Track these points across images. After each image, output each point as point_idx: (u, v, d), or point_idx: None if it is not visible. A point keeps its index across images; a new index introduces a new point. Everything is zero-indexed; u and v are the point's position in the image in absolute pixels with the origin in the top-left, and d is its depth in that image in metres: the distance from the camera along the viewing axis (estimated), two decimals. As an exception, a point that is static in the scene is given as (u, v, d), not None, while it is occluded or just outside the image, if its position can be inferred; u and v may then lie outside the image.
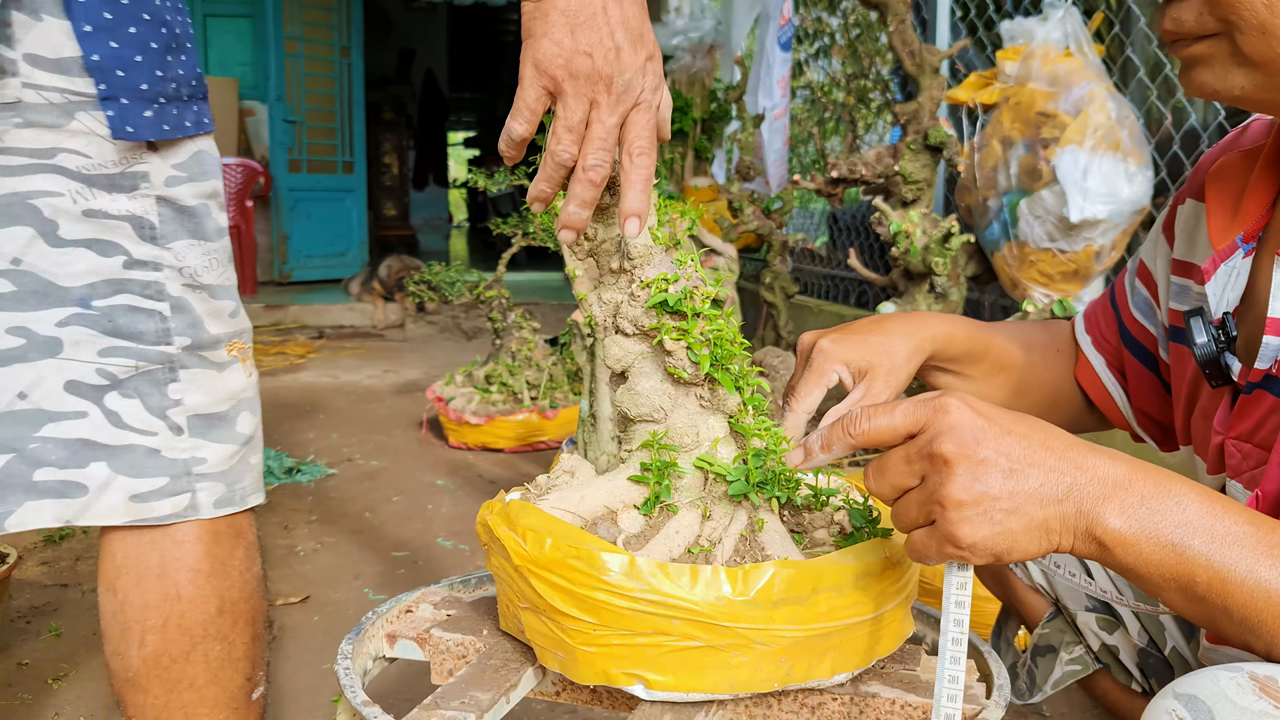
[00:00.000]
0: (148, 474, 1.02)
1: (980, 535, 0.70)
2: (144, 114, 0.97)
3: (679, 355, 0.91)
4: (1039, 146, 2.84)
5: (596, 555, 0.83)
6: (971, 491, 0.70)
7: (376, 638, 1.03)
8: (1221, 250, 0.95)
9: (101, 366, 1.00)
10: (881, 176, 2.94)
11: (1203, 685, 0.66)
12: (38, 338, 0.97)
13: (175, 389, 1.03)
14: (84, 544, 2.70)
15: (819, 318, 4.81)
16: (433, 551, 2.72)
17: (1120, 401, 1.19)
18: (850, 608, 0.83)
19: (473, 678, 0.94)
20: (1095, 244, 2.79)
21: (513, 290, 4.17)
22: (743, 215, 4.28)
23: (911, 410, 0.74)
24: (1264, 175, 0.95)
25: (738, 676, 0.83)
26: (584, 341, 2.21)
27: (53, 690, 1.91)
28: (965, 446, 0.70)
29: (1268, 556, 0.68)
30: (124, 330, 1.00)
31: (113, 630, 1.06)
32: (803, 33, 6.11)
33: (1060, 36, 2.91)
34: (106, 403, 1.01)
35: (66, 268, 0.97)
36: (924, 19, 3.98)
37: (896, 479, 0.75)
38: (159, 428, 1.03)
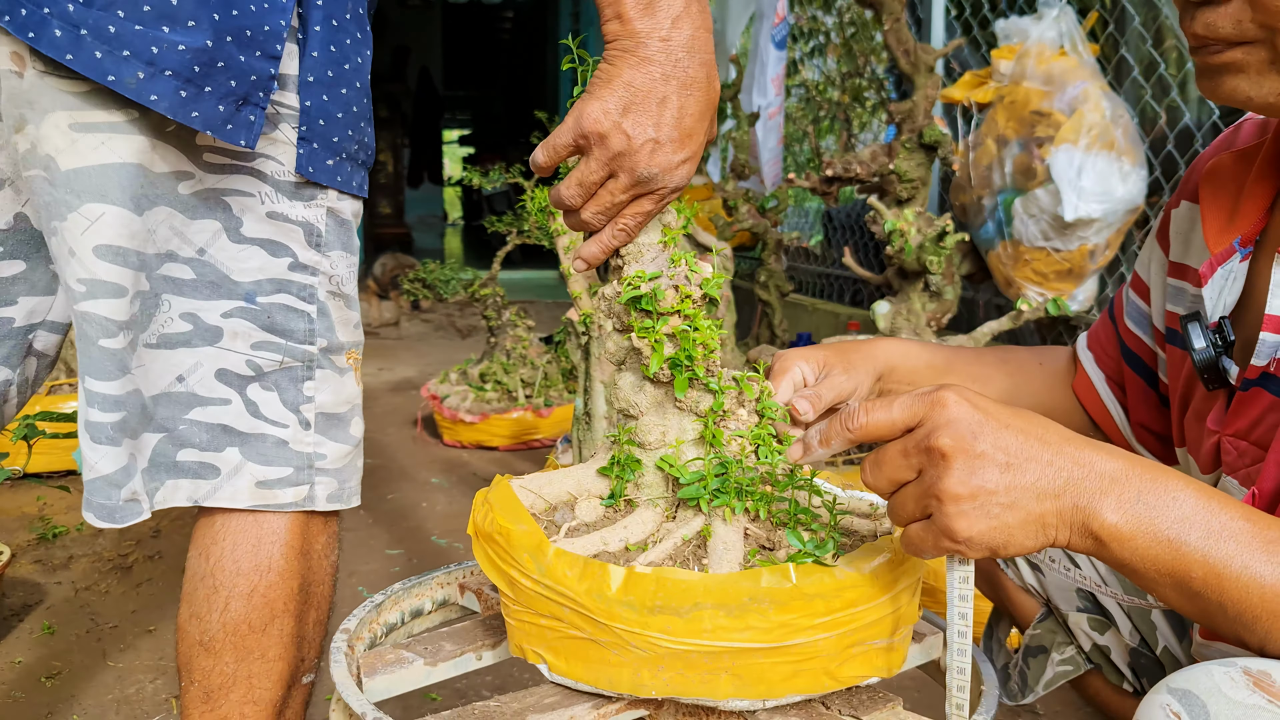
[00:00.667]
0: (275, 463, 1.10)
1: (977, 529, 0.70)
2: (326, 162, 1.07)
3: (645, 352, 0.92)
4: (1033, 145, 2.84)
5: (513, 532, 0.85)
6: (969, 485, 0.70)
7: (450, 585, 1.11)
8: (1219, 254, 0.95)
9: (251, 358, 1.07)
10: (876, 175, 2.95)
11: (1197, 680, 0.66)
12: (204, 325, 1.05)
13: (309, 386, 1.11)
14: (77, 542, 2.69)
15: (814, 316, 4.81)
16: (427, 550, 2.72)
17: (1118, 417, 1.20)
18: (743, 631, 0.79)
19: (458, 632, 0.97)
20: (1089, 243, 2.80)
21: (507, 288, 4.17)
22: (738, 213, 4.28)
23: (909, 404, 0.74)
24: (1261, 179, 0.95)
25: (616, 676, 0.83)
26: (579, 340, 2.21)
27: (46, 688, 1.91)
28: (963, 440, 0.70)
29: (1263, 552, 0.68)
30: (278, 327, 1.08)
31: (199, 593, 1.11)
32: (798, 31, 6.11)
33: (1055, 36, 2.91)
34: (248, 393, 1.08)
35: (241, 263, 1.05)
36: (919, 18, 3.99)
37: (893, 473, 0.74)
38: (291, 421, 1.10)
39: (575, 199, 0.91)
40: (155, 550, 2.64)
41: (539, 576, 0.83)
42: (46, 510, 2.94)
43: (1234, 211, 0.96)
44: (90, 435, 0.99)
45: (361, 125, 1.11)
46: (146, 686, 1.92)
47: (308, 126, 1.05)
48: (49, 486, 3.16)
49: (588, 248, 0.94)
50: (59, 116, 0.93)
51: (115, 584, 2.42)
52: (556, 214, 2.19)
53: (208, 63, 0.93)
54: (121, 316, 0.97)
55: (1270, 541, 0.69)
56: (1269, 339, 0.88)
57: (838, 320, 4.50)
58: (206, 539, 1.12)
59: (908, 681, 0.98)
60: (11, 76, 0.92)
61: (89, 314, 0.97)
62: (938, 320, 2.87)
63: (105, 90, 0.91)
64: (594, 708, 0.85)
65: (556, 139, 0.90)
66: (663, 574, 0.80)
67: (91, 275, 0.96)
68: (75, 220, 0.94)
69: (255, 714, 1.12)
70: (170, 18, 0.90)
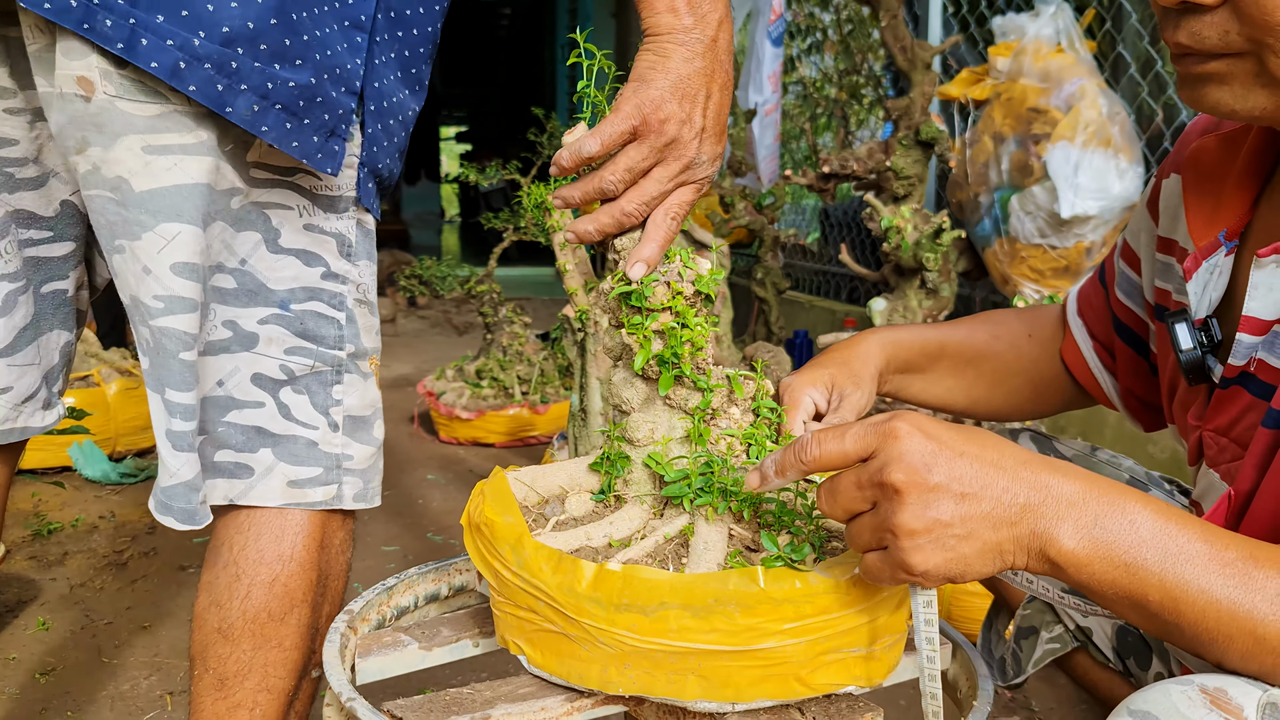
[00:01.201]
0: (305, 463, 1.14)
1: (933, 562, 0.70)
2: (368, 185, 1.15)
3: (634, 348, 0.92)
4: (1030, 142, 2.84)
5: (497, 525, 0.86)
6: (923, 519, 0.69)
7: (470, 571, 1.11)
8: (1203, 247, 0.94)
9: (284, 363, 1.12)
10: (873, 172, 2.95)
11: (1155, 701, 0.66)
12: (242, 332, 1.10)
13: (338, 390, 1.16)
14: (72, 538, 2.69)
15: (810, 313, 4.81)
16: (423, 546, 2.71)
17: (1105, 382, 1.20)
18: (709, 633, 0.78)
19: (458, 619, 0.97)
20: (1086, 240, 2.80)
21: (504, 285, 4.17)
22: (734, 210, 4.27)
23: (862, 435, 0.73)
24: (1246, 173, 0.94)
25: (587, 671, 0.83)
26: (575, 336, 2.21)
27: (40, 684, 1.90)
28: (915, 474, 0.70)
29: (1219, 575, 0.68)
30: (310, 333, 1.13)
31: (220, 581, 1.15)
32: (795, 28, 6.10)
33: (1052, 33, 2.91)
34: (281, 396, 1.13)
35: (278, 272, 1.10)
36: (916, 14, 3.98)
37: (848, 503, 0.74)
38: (320, 423, 1.15)
39: (618, 186, 0.92)
40: (150, 547, 2.64)
41: (518, 569, 0.84)
42: (41, 506, 2.94)
43: (1218, 203, 0.95)
44: (173, 444, 1.04)
45: (397, 158, 1.19)
46: (141, 683, 1.92)
47: (367, 154, 1.13)
48: (44, 483, 3.15)
49: (641, 250, 0.93)
50: (131, 140, 0.96)
51: (110, 580, 2.42)
52: (553, 211, 2.18)
53: (310, 98, 1.00)
54: (195, 330, 1.02)
55: (1227, 564, 0.69)
56: (1245, 340, 0.88)
57: (834, 317, 4.50)
58: (230, 530, 1.16)
59: (912, 690, 0.98)
60: (77, 100, 0.95)
61: (168, 329, 1.01)
62: (934, 317, 2.87)
63: (175, 114, 0.96)
64: (567, 700, 0.85)
65: (612, 126, 0.91)
66: (631, 572, 0.79)
67: (169, 292, 1.00)
68: (151, 239, 0.98)
69: (268, 702, 1.14)
70: (283, 57, 0.97)
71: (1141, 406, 1.18)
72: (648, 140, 0.91)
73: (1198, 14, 0.79)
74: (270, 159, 1.07)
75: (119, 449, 3.35)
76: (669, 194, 0.94)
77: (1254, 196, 0.94)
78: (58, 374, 1.19)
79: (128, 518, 2.86)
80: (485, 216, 4.01)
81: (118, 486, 3.14)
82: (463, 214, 16.86)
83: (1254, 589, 0.67)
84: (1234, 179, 0.95)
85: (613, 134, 0.91)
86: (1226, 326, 0.94)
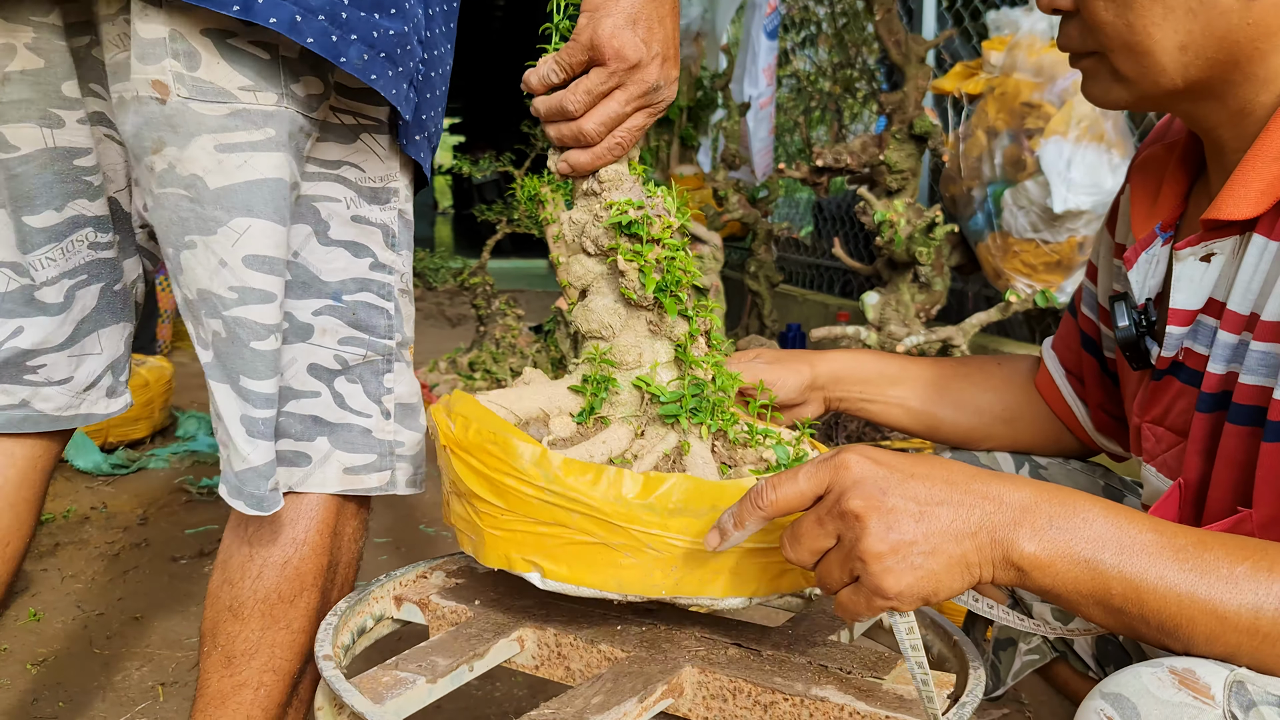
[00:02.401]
0: (360, 450, 1.18)
1: (905, 582, 0.71)
2: (420, 151, 1.19)
3: (630, 276, 0.96)
4: (1023, 137, 2.84)
5: (511, 442, 0.87)
6: (888, 541, 0.71)
7: (385, 599, 1.09)
8: (1142, 239, 0.98)
9: (339, 353, 1.15)
10: (866, 166, 2.95)
11: (1126, 683, 0.68)
12: (297, 324, 1.13)
13: (389, 379, 1.19)
14: (64, 529, 2.69)
15: (803, 306, 4.82)
16: (416, 538, 2.72)
17: (1079, 412, 1.22)
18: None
19: (443, 644, 0.96)
20: (1078, 234, 2.80)
21: (497, 277, 4.17)
22: (728, 203, 4.27)
23: (813, 472, 0.75)
24: (1179, 167, 0.99)
25: (627, 577, 0.86)
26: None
27: (31, 675, 1.90)
28: (872, 498, 0.71)
29: (1174, 562, 0.70)
30: (362, 323, 1.16)
31: (233, 560, 1.18)
32: (789, 21, 6.10)
33: (1045, 27, 2.91)
34: (336, 385, 1.17)
35: (329, 264, 1.14)
36: (910, 8, 3.99)
37: (812, 543, 0.75)
38: (373, 411, 1.18)
39: (579, 107, 0.96)
40: (142, 538, 2.64)
41: (545, 484, 0.85)
42: (33, 497, 2.94)
43: (1155, 199, 1.00)
44: (246, 430, 1.07)
45: (440, 112, 1.23)
46: (133, 674, 1.92)
47: (416, 122, 1.16)
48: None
49: (577, 156, 0.99)
50: (204, 140, 1.00)
51: (102, 572, 2.42)
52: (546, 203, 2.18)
53: (404, 46, 1.05)
54: (272, 320, 1.06)
55: (1179, 549, 0.71)
56: (1174, 331, 0.92)
57: (827, 311, 4.50)
58: (244, 514, 1.19)
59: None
60: (152, 102, 0.99)
61: (240, 319, 1.04)
62: (927, 311, 2.88)
63: (244, 113, 1.00)
64: (638, 701, 0.86)
65: (569, 55, 0.96)
66: (683, 479, 0.84)
67: (242, 283, 1.03)
68: (225, 234, 1.02)
69: (273, 683, 1.16)
70: (380, 6, 1.01)
71: (1113, 423, 1.19)
72: (607, 66, 0.96)
73: (1067, 20, 0.91)
74: (318, 153, 1.11)
75: (110, 440, 3.34)
76: (628, 116, 0.99)
77: (1185, 190, 0.99)
78: (123, 364, 1.26)
79: (119, 509, 2.86)
80: (479, 208, 4.00)
81: (109, 478, 3.14)
82: (456, 205, 16.84)
83: (1207, 571, 0.70)
84: (1168, 176, 1.00)
85: (569, 62, 0.96)
86: (1162, 319, 0.98)
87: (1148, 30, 0.83)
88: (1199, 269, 0.90)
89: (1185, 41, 0.83)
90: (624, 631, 0.98)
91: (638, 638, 0.97)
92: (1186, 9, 0.82)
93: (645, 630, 0.98)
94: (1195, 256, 0.90)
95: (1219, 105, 0.87)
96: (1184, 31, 0.83)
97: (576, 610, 1.01)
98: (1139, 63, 0.85)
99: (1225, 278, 0.88)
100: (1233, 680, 0.66)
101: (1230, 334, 0.86)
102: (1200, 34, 0.82)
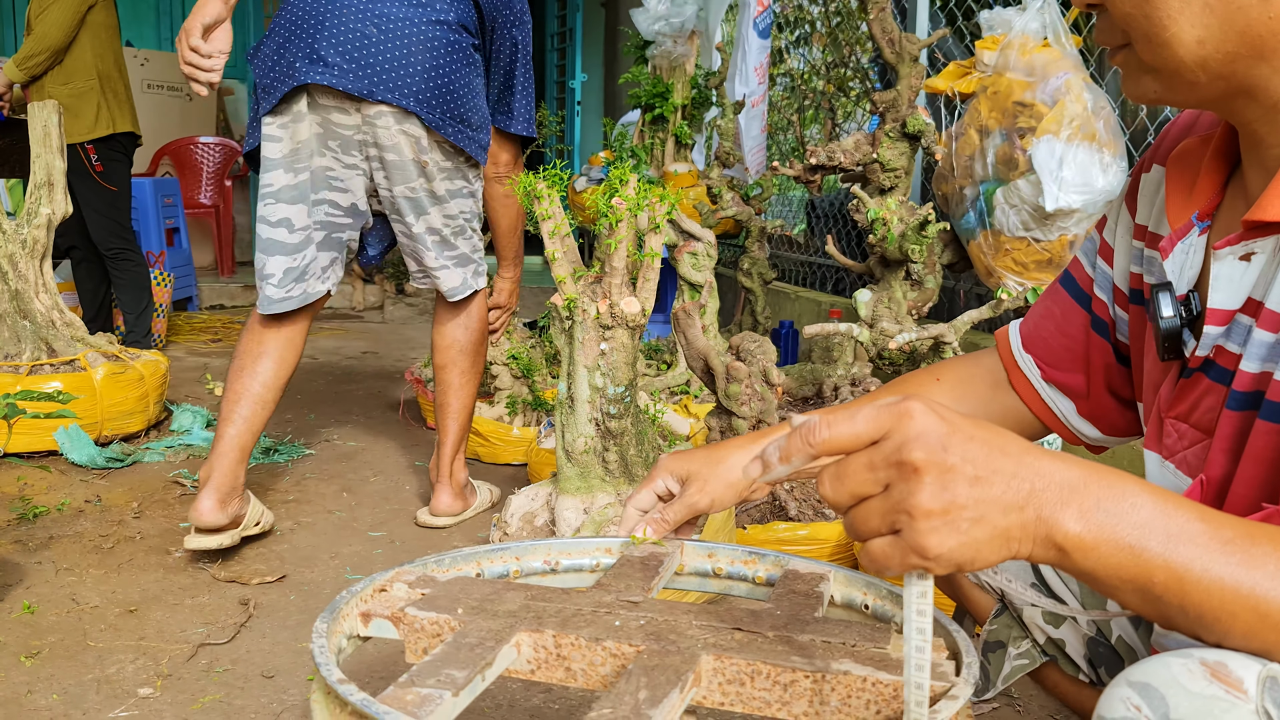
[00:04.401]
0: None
1: (947, 546, 0.69)
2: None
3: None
4: (1015, 136, 2.86)
5: None
6: (941, 500, 0.68)
7: (351, 617, 1.04)
8: (1179, 229, 0.97)
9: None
10: (860, 164, 2.96)
11: (1155, 673, 0.67)
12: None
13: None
14: (58, 522, 2.69)
15: (796, 304, 4.83)
16: (409, 533, 2.72)
17: (1059, 410, 1.19)
18: None
19: (448, 656, 0.95)
20: (1070, 233, 2.82)
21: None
22: (721, 201, 4.28)
23: (874, 416, 0.72)
24: (1215, 161, 0.98)
25: None
26: (562, 325, 2.21)
27: (25, 667, 1.91)
28: (934, 453, 0.69)
29: (1220, 554, 0.69)
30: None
31: (441, 342, 2.78)
32: (784, 20, 6.11)
33: (1038, 27, 2.93)
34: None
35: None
36: (904, 7, 4.00)
37: (857, 487, 0.72)
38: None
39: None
40: (136, 531, 2.64)
41: None
42: (26, 490, 2.94)
43: (1192, 189, 0.99)
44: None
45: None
46: (128, 666, 1.93)
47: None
48: (30, 466, 3.15)
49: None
50: (440, 177, 2.53)
51: (96, 565, 2.42)
52: (541, 199, 2.19)
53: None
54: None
55: (1226, 542, 0.69)
56: (1211, 331, 0.90)
57: (819, 308, 4.52)
58: (442, 312, 2.78)
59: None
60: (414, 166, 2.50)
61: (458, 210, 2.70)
62: (919, 309, 2.89)
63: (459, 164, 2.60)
64: (679, 691, 0.84)
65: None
66: None
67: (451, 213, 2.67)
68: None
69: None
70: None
71: (1115, 404, 1.18)
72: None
73: (1101, 14, 0.89)
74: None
75: (105, 433, 3.35)
76: None
77: (1223, 181, 0.98)
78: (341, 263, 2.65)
79: (114, 502, 2.87)
80: (473, 205, 3.98)
81: (103, 471, 3.14)
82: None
83: (1255, 566, 0.68)
84: (1205, 168, 0.99)
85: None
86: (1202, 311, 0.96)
87: (1163, 22, 0.82)
88: (1238, 268, 0.88)
89: (1203, 35, 0.81)
90: (624, 627, 0.98)
91: (641, 632, 0.97)
92: (1203, 2, 0.80)
93: (645, 624, 0.99)
94: (1235, 255, 0.88)
95: (1251, 101, 0.86)
96: (1201, 25, 0.81)
97: (567, 611, 1.02)
98: (1158, 54, 0.84)
99: (1265, 276, 0.86)
100: (1266, 675, 0.65)
101: (1268, 333, 0.85)
102: (1218, 27, 0.81)
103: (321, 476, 3.19)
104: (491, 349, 3.57)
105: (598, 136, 8.13)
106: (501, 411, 3.52)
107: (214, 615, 2.17)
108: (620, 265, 2.11)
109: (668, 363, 3.97)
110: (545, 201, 2.21)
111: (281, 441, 3.53)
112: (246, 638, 2.07)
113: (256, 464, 3.27)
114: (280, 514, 2.82)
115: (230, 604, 2.23)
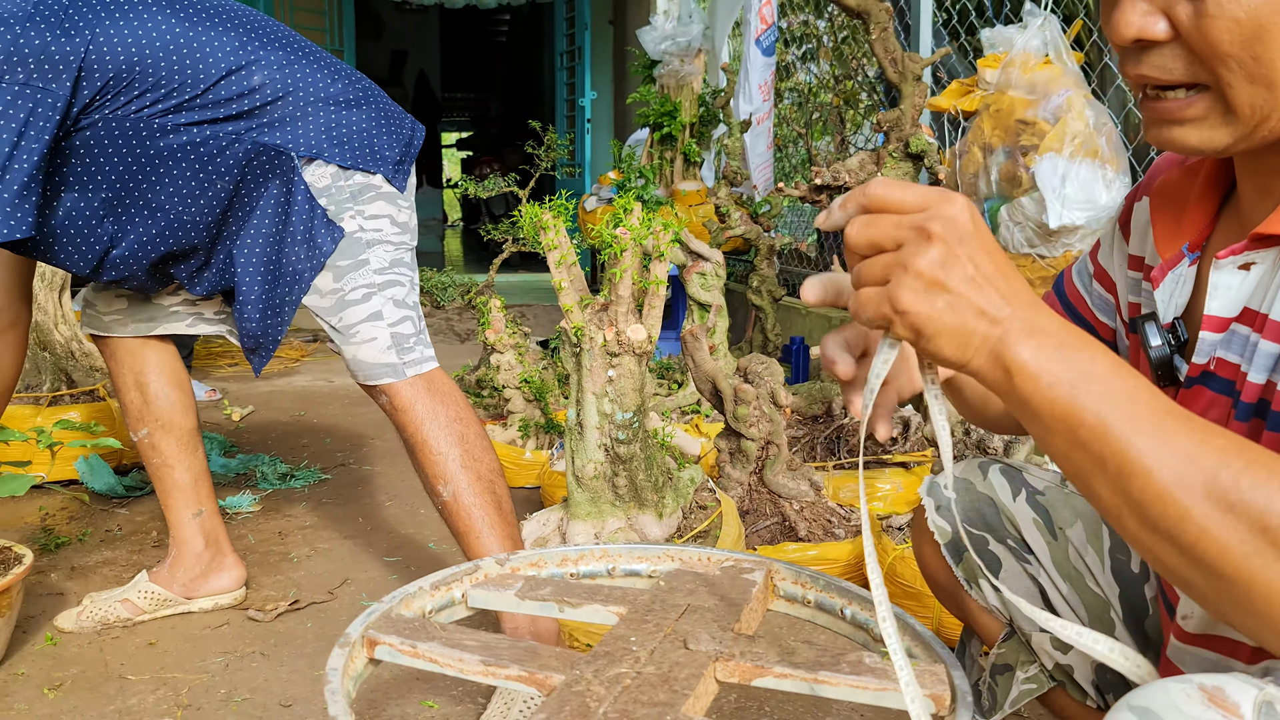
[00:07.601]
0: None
1: (916, 309, 0.74)
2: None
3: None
4: (1018, 153, 2.88)
5: None
6: (935, 271, 0.73)
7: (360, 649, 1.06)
8: (1169, 259, 0.99)
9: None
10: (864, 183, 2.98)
11: (1154, 698, 0.68)
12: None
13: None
14: (79, 551, 2.73)
15: (807, 319, 4.85)
16: (424, 557, 2.75)
17: None
18: None
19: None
20: (1074, 249, 2.83)
21: (505, 292, 4.21)
22: (730, 220, 4.31)
23: (924, 190, 0.77)
24: (1205, 192, 1.00)
25: None
26: (572, 349, 2.24)
27: (49, 699, 1.95)
28: (951, 235, 0.74)
29: (1151, 417, 0.71)
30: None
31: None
32: (790, 35, 6.14)
33: (1039, 44, 2.95)
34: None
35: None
36: (907, 24, 4.02)
37: (877, 235, 0.77)
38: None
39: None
40: (156, 560, 2.68)
41: None
42: (49, 520, 2.98)
43: (1181, 221, 1.01)
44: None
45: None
46: (149, 697, 1.96)
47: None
48: (51, 496, 3.20)
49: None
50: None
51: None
52: (548, 229, 2.22)
53: None
54: None
55: (1167, 413, 0.71)
56: (1208, 337, 0.93)
57: (830, 324, 4.54)
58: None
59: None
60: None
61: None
62: (926, 326, 2.91)
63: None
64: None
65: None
66: None
67: None
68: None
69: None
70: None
71: None
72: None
73: (1155, 48, 0.82)
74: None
75: (125, 462, 3.39)
76: None
77: (1214, 210, 1.00)
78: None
79: (134, 530, 2.91)
80: (485, 227, 4.04)
81: (124, 499, 3.19)
82: (465, 219, 16.90)
83: (1190, 433, 0.70)
84: (1194, 199, 1.00)
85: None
86: (1190, 330, 0.99)
87: (1276, 63, 0.78)
88: (1237, 277, 0.90)
89: None
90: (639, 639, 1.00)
91: (654, 641, 0.99)
92: None
93: (658, 632, 1.00)
94: (1234, 265, 0.90)
95: None
96: None
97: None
98: (1262, 98, 0.79)
99: (1263, 287, 0.88)
100: (1262, 700, 0.67)
101: (1273, 344, 0.86)
102: None
103: (337, 501, 3.23)
104: (503, 372, 3.59)
105: (608, 154, 8.17)
106: (514, 435, 3.55)
107: (232, 644, 2.20)
108: (626, 293, 2.14)
109: (679, 382, 4.00)
110: (551, 232, 2.24)
111: (298, 467, 3.57)
112: (264, 666, 2.10)
113: (274, 490, 3.31)
114: (297, 540, 2.85)
115: (248, 633, 2.26)
